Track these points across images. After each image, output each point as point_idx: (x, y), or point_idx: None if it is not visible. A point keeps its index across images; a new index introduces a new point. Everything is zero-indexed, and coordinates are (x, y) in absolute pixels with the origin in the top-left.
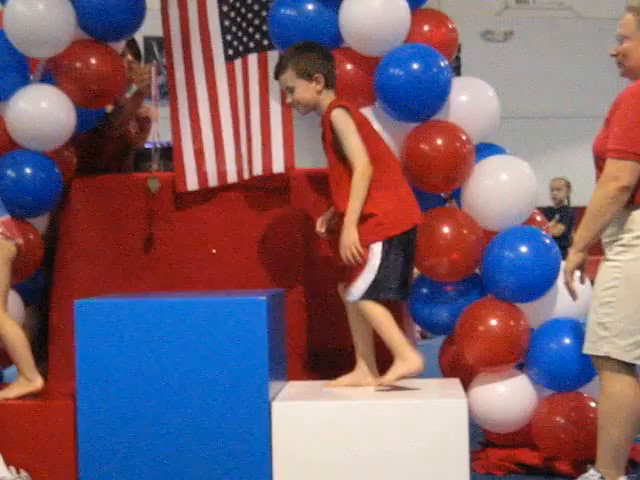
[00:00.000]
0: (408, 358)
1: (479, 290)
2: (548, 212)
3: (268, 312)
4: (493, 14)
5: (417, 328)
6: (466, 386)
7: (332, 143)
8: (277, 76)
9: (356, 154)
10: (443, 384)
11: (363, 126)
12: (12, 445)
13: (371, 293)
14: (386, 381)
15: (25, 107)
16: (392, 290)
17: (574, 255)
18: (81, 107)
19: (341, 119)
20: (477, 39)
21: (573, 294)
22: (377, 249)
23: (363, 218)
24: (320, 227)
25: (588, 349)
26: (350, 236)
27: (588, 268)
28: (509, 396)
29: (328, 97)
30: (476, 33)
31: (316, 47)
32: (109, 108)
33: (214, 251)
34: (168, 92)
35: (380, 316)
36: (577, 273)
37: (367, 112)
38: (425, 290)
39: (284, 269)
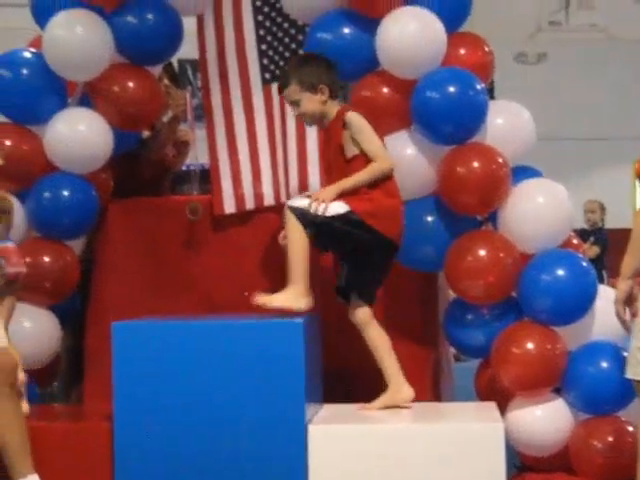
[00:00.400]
0: (301, 299)
1: (515, 313)
2: (582, 234)
3: (305, 335)
4: (526, 36)
5: (452, 350)
6: (502, 410)
7: (341, 145)
8: (281, 90)
9: (381, 149)
10: (479, 407)
11: (377, 134)
12: (49, 467)
13: (299, 217)
14: (274, 303)
15: (63, 130)
16: (318, 237)
17: (623, 283)
18: (118, 130)
19: (360, 120)
20: (510, 61)
21: (625, 325)
22: (340, 208)
23: (358, 192)
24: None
25: (629, 373)
26: (329, 194)
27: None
28: (546, 420)
29: (334, 107)
30: (509, 55)
31: (318, 58)
32: (146, 133)
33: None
34: (204, 115)
35: (300, 243)
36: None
37: (403, 135)
38: (461, 313)
39: (320, 292)
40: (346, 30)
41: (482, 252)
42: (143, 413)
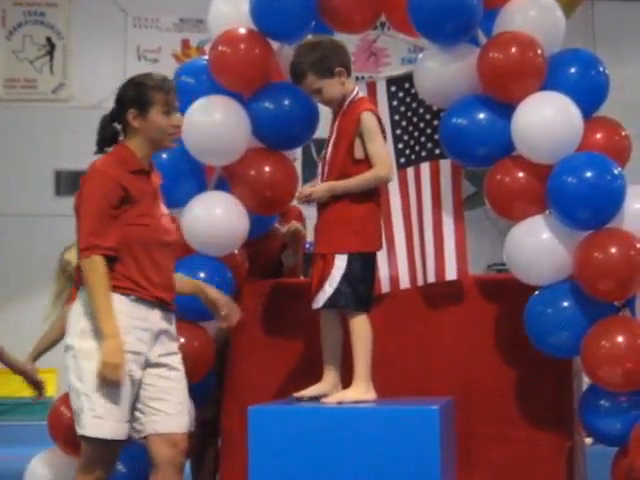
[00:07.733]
0: (370, 390)
1: None
2: None
3: (440, 421)
4: None
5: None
6: None
7: (351, 142)
8: (298, 83)
9: (384, 156)
10: None
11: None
12: None
13: (335, 301)
14: (347, 399)
15: (200, 213)
16: (358, 301)
17: None
18: (254, 214)
19: (374, 122)
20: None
21: None
22: (343, 260)
23: (342, 219)
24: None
25: None
26: (321, 192)
27: None
28: None
29: (350, 85)
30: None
31: (323, 42)
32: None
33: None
34: None
35: (368, 336)
36: None
37: (539, 220)
38: (597, 400)
39: (452, 376)
40: (481, 115)
41: (620, 338)
42: None
